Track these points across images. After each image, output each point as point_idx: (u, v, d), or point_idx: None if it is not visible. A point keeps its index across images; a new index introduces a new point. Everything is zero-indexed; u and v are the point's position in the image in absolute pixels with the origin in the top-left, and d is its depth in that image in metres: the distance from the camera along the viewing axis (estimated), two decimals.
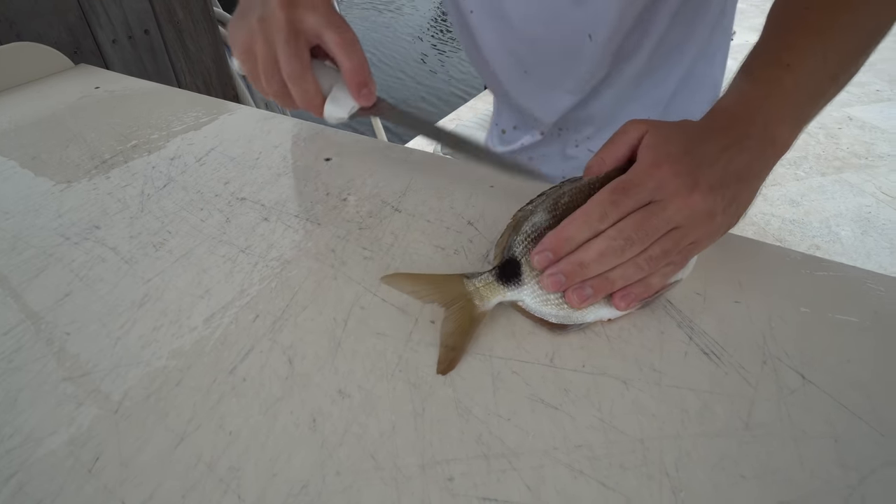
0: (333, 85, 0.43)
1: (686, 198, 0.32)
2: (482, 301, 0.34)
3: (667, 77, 0.62)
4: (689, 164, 0.32)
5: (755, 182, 0.35)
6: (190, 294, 0.39)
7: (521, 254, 0.35)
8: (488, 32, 0.62)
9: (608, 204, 0.32)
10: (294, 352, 0.34)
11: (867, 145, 2.44)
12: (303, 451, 0.29)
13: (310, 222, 0.46)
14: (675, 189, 0.32)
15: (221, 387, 0.32)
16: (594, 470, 0.27)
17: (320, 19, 0.40)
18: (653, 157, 0.32)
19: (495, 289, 0.35)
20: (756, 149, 0.34)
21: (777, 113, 0.35)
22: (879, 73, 3.16)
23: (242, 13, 0.42)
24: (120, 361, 0.34)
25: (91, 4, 0.95)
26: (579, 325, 0.34)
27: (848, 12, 0.36)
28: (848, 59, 0.37)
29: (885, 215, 1.99)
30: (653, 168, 0.32)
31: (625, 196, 0.32)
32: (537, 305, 0.35)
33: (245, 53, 0.42)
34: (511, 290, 0.35)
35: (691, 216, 0.32)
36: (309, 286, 0.39)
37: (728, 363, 0.33)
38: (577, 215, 0.32)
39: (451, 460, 0.28)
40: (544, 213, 0.35)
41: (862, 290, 0.38)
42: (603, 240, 0.32)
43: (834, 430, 0.29)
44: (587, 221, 0.32)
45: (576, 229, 0.32)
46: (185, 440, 0.29)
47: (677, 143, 0.33)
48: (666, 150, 0.32)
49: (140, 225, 0.46)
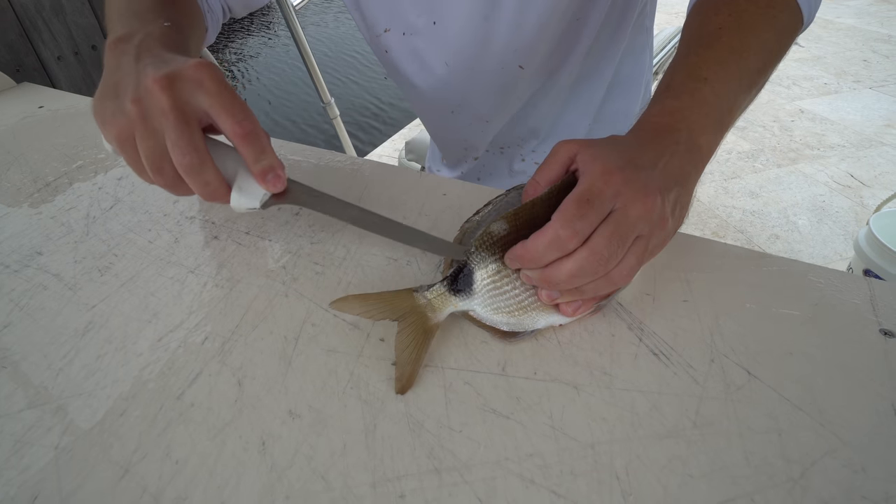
0: (238, 170, 0.37)
1: (644, 202, 0.31)
2: (434, 313, 0.34)
3: (599, 79, 0.64)
4: (634, 171, 0.32)
5: (690, 185, 0.36)
6: (136, 319, 0.38)
7: (473, 263, 0.35)
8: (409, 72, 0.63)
9: (577, 218, 0.30)
10: (244, 373, 0.33)
11: (819, 136, 2.53)
12: (252, 475, 0.28)
13: (261, 239, 0.45)
14: (631, 195, 0.31)
15: (168, 414, 0.31)
16: (545, 478, 0.27)
17: (211, 100, 0.34)
18: (601, 166, 0.32)
19: (447, 299, 0.35)
20: (685, 154, 0.35)
21: (699, 122, 0.36)
22: (827, 68, 3.29)
23: (109, 92, 0.36)
24: (62, 393, 0.33)
25: (32, 21, 0.92)
26: (531, 331, 0.35)
27: (756, 33, 0.40)
28: (758, 73, 0.40)
29: (837, 203, 2.07)
30: (606, 175, 0.32)
31: (590, 208, 0.31)
32: (489, 314, 0.35)
33: (123, 143, 0.35)
34: (463, 299, 0.35)
35: (650, 221, 0.32)
36: (259, 305, 0.38)
37: (677, 363, 0.33)
38: (546, 231, 0.31)
39: (402, 476, 0.27)
40: (500, 223, 0.34)
41: (803, 283, 0.39)
42: (576, 259, 0.31)
43: (777, 424, 0.30)
44: (557, 240, 0.31)
45: (544, 248, 0.31)
46: (130, 472, 0.28)
47: (614, 154, 0.33)
48: (609, 160, 0.32)
49: (85, 249, 0.45)
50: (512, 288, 0.34)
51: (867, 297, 0.38)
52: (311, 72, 1.52)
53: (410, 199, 0.49)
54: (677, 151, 0.35)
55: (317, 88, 1.58)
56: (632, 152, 0.34)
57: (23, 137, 0.64)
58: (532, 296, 0.34)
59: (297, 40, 1.45)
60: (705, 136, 0.36)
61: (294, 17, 1.40)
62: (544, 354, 0.34)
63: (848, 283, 0.39)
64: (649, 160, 0.33)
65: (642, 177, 0.32)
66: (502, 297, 0.34)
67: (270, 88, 3.93)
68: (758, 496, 0.27)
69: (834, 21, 4.07)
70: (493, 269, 0.34)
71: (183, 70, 0.34)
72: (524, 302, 0.34)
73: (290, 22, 1.40)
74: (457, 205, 0.48)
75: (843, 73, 3.21)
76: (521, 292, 0.34)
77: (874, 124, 2.63)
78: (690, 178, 0.35)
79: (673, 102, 0.37)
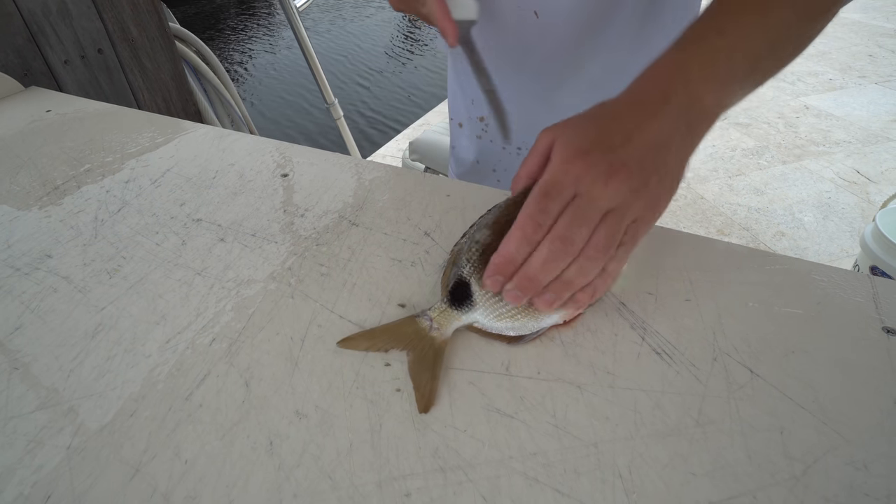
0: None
1: (606, 181, 0.31)
2: (440, 332, 0.35)
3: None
4: (599, 152, 0.32)
5: (679, 149, 0.34)
6: (145, 321, 0.38)
7: (468, 274, 0.36)
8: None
9: (537, 213, 0.32)
10: (251, 374, 0.34)
11: (824, 133, 2.52)
12: (260, 474, 0.28)
13: (266, 241, 0.45)
14: (592, 178, 0.32)
15: (177, 414, 0.32)
16: (549, 477, 0.28)
17: None
18: (562, 155, 0.33)
19: (451, 315, 0.35)
20: (675, 114, 0.34)
21: (700, 72, 0.34)
22: (832, 63, 3.27)
23: None
24: (73, 394, 0.34)
25: (39, 25, 0.92)
26: (536, 332, 0.35)
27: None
28: (786, 37, 0.37)
29: (843, 200, 2.06)
30: (565, 164, 0.32)
31: (549, 199, 0.32)
32: (492, 322, 0.35)
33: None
34: (465, 313, 0.35)
35: (618, 196, 0.32)
36: (266, 306, 0.39)
37: (679, 362, 0.33)
38: (512, 233, 0.33)
39: (407, 476, 0.28)
40: (483, 231, 0.36)
41: (806, 281, 0.39)
42: (542, 249, 0.32)
43: (779, 422, 0.30)
44: (524, 236, 0.32)
45: (515, 247, 0.32)
46: (140, 471, 0.29)
47: (585, 137, 0.33)
48: (575, 147, 0.33)
49: (93, 252, 0.45)
50: None
51: (870, 296, 0.38)
52: (315, 73, 1.53)
53: (414, 200, 0.49)
54: (663, 114, 0.33)
55: (320, 89, 1.59)
56: (605, 128, 0.33)
57: (31, 141, 0.64)
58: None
59: (300, 41, 1.45)
60: (703, 88, 0.34)
61: (297, 18, 1.41)
62: (547, 354, 0.34)
63: (851, 282, 0.39)
64: (623, 133, 0.33)
65: (608, 157, 0.32)
66: (503, 304, 0.35)
67: (275, 89, 3.94)
68: (760, 494, 0.27)
69: (839, 16, 4.02)
70: None
71: None
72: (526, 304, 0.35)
73: (294, 23, 1.41)
74: (460, 206, 0.48)
75: (848, 68, 3.19)
76: None
77: (880, 120, 2.61)
78: (674, 140, 0.34)
79: (678, 55, 0.36)
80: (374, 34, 5.09)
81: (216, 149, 0.61)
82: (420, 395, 0.32)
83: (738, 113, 2.72)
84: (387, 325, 0.36)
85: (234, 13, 5.75)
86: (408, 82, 4.02)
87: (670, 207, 2.11)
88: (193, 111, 1.23)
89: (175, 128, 0.66)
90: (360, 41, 4.77)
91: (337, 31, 5.11)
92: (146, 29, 1.08)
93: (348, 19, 5.59)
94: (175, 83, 1.17)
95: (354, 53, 4.51)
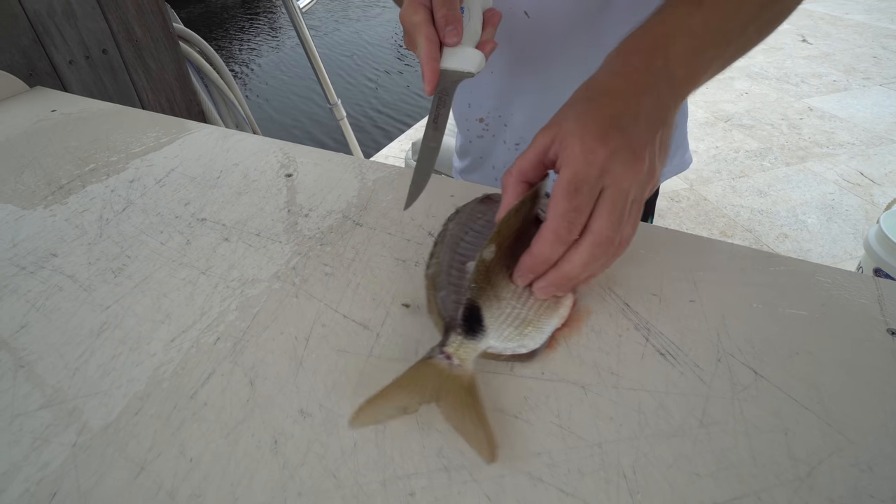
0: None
1: (634, 170, 0.31)
2: (462, 368, 0.31)
3: None
4: (618, 134, 0.31)
5: (671, 120, 0.35)
6: (149, 320, 0.39)
7: (476, 296, 0.34)
8: None
9: (571, 212, 0.31)
10: (255, 373, 0.34)
11: (827, 134, 2.51)
12: (264, 473, 0.28)
13: (271, 241, 0.45)
14: (620, 169, 0.31)
15: (182, 413, 0.32)
16: (553, 477, 0.28)
17: None
18: (581, 144, 0.31)
19: (469, 347, 0.32)
20: (663, 86, 0.34)
21: (680, 50, 0.35)
22: (835, 64, 3.26)
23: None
24: (78, 392, 0.34)
25: (44, 26, 0.93)
26: (544, 343, 0.34)
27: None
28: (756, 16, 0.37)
29: (847, 202, 2.05)
30: (588, 154, 0.31)
31: (579, 196, 0.31)
32: (503, 343, 0.33)
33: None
34: (481, 339, 0.33)
35: (641, 183, 0.32)
36: (270, 305, 0.39)
37: (683, 362, 0.33)
38: (544, 235, 0.31)
39: (412, 475, 0.28)
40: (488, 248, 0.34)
41: (811, 282, 0.39)
42: (583, 253, 0.31)
43: (784, 423, 0.30)
44: (558, 238, 0.31)
45: (550, 249, 0.32)
46: (146, 469, 0.29)
47: (597, 122, 0.32)
48: (590, 133, 0.31)
49: (98, 251, 0.46)
50: (511, 308, 0.34)
51: (875, 297, 0.38)
52: (318, 73, 1.53)
53: (419, 201, 0.49)
54: (655, 85, 0.34)
55: (323, 90, 1.59)
56: (610, 107, 0.33)
57: (36, 141, 0.65)
58: (532, 308, 0.35)
59: (303, 42, 1.46)
60: (683, 66, 0.35)
61: (300, 18, 1.41)
62: (552, 355, 0.34)
63: (856, 283, 0.39)
64: (631, 109, 0.32)
65: (627, 140, 0.31)
66: (510, 322, 0.34)
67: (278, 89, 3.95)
68: (764, 495, 0.27)
69: (843, 17, 4.03)
70: (497, 295, 0.34)
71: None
72: (528, 316, 0.34)
73: (297, 23, 1.41)
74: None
75: (852, 69, 3.19)
76: (519, 307, 0.34)
77: (884, 121, 2.60)
78: (670, 113, 0.34)
79: (655, 27, 0.36)
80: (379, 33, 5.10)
81: (220, 149, 0.61)
82: (478, 444, 0.28)
83: (741, 114, 2.72)
84: (399, 380, 0.31)
85: (238, 14, 5.76)
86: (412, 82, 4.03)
87: (673, 209, 2.11)
88: (197, 111, 1.23)
89: (179, 128, 0.66)
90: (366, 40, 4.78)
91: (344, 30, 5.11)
92: (150, 29, 1.08)
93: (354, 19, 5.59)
94: (179, 83, 1.17)
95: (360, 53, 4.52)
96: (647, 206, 0.79)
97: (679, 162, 0.72)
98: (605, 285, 0.39)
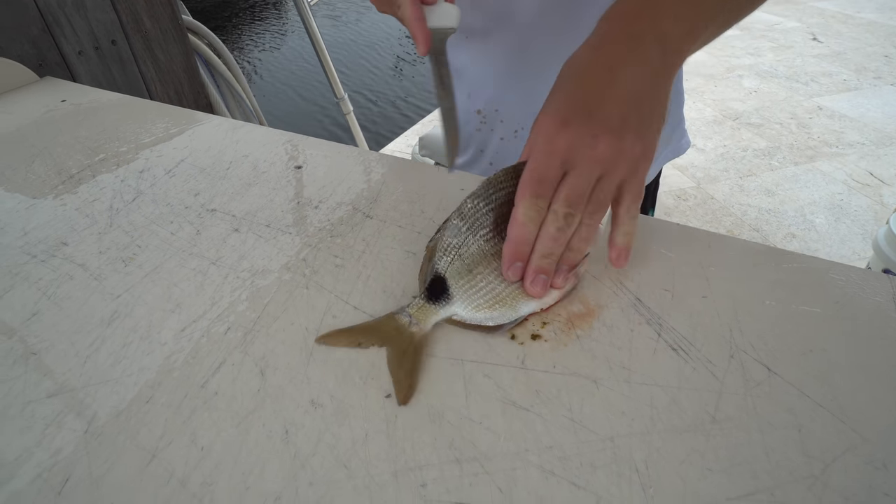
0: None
1: (593, 153, 0.32)
2: (419, 327, 0.35)
3: None
4: (581, 120, 0.33)
5: (656, 93, 0.34)
6: (160, 309, 0.39)
7: (443, 269, 0.36)
8: None
9: (535, 199, 0.33)
10: (266, 363, 0.34)
11: (837, 134, 2.49)
12: (275, 463, 0.28)
13: (281, 232, 0.45)
14: (580, 152, 0.33)
15: (193, 402, 0.32)
16: (565, 470, 0.27)
17: None
18: (545, 133, 0.33)
19: (429, 310, 0.36)
20: (644, 52, 0.33)
21: (666, 8, 0.34)
22: (846, 63, 3.23)
23: None
24: (89, 380, 0.34)
25: (54, 16, 0.93)
26: (514, 320, 0.35)
27: None
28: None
29: (856, 202, 2.04)
30: (549, 143, 0.33)
31: (543, 186, 0.33)
32: (471, 314, 0.36)
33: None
34: (443, 307, 0.36)
35: (605, 162, 0.33)
36: (280, 296, 0.39)
37: (696, 358, 0.33)
38: (514, 221, 0.34)
39: (423, 466, 0.28)
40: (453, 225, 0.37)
41: (824, 280, 0.39)
42: (549, 224, 0.33)
43: (797, 420, 0.30)
44: (528, 220, 0.33)
45: (524, 232, 0.34)
46: (157, 457, 0.29)
47: (561, 107, 0.33)
48: (554, 119, 0.33)
49: (109, 240, 0.46)
50: (487, 283, 0.36)
51: (890, 296, 0.37)
52: (325, 67, 1.53)
53: (429, 193, 0.49)
54: (637, 52, 0.33)
55: (330, 84, 1.59)
56: (578, 92, 0.34)
57: (46, 131, 0.65)
58: (509, 286, 0.36)
59: (311, 35, 1.45)
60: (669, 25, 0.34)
61: (308, 11, 1.41)
62: (563, 349, 0.34)
63: (870, 281, 0.38)
64: (596, 93, 0.33)
65: (590, 124, 0.33)
66: (479, 294, 0.36)
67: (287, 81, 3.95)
68: (778, 491, 0.27)
69: (854, 16, 3.99)
70: (463, 267, 0.36)
71: None
72: (502, 293, 0.36)
73: (305, 17, 1.41)
74: None
75: (863, 69, 3.16)
76: (497, 285, 0.36)
77: (895, 121, 2.58)
78: (660, 79, 0.34)
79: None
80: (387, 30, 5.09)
81: (230, 140, 0.61)
82: (399, 388, 0.32)
83: (750, 113, 2.70)
84: (366, 323, 0.36)
85: (247, 6, 5.76)
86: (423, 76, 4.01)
87: (680, 207, 2.10)
88: (205, 104, 1.23)
89: (189, 119, 0.66)
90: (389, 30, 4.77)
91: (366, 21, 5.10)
92: (159, 21, 1.08)
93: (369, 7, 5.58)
94: (187, 75, 1.17)
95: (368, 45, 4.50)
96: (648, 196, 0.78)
97: (676, 147, 0.71)
98: (617, 280, 0.39)
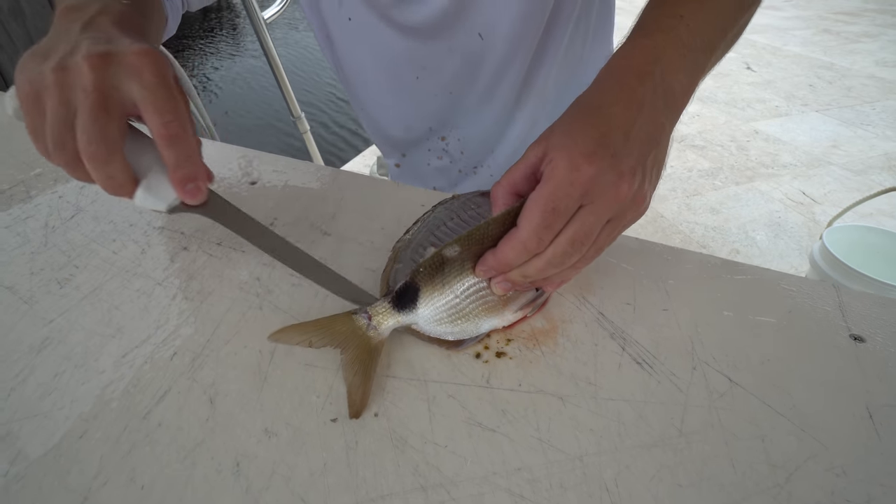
0: (153, 166, 0.34)
1: (615, 193, 0.30)
2: (377, 332, 0.34)
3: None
4: (606, 153, 0.31)
5: (665, 138, 0.34)
6: (99, 334, 0.36)
7: (420, 280, 0.34)
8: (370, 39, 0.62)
9: (543, 229, 0.30)
10: (216, 390, 0.32)
11: (772, 156, 2.65)
12: (225, 499, 0.26)
13: (234, 250, 0.43)
14: (602, 189, 0.30)
15: (133, 435, 0.29)
16: (534, 492, 0.26)
17: (143, 93, 0.31)
18: (567, 161, 0.30)
19: (391, 316, 0.34)
20: (659, 101, 0.33)
21: (673, 62, 0.34)
22: (777, 91, 3.45)
23: (39, 54, 0.32)
24: (13, 415, 0.31)
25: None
26: (475, 337, 0.35)
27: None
28: (734, 17, 0.39)
29: (792, 219, 2.16)
30: (573, 172, 0.30)
31: (555, 214, 0.30)
32: (432, 326, 0.34)
33: (30, 104, 0.31)
34: (406, 315, 0.34)
35: (623, 205, 0.31)
36: (232, 318, 0.37)
37: (660, 371, 0.33)
38: (514, 243, 0.31)
39: (386, 496, 0.26)
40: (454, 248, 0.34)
41: (776, 290, 0.40)
42: (542, 261, 0.31)
43: (760, 430, 0.30)
44: (525, 249, 0.31)
45: (515, 255, 0.31)
46: (90, 499, 0.26)
47: (585, 139, 0.31)
48: (578, 150, 0.31)
49: (43, 260, 0.42)
50: (454, 298, 0.34)
51: (836, 304, 0.39)
52: (282, 86, 1.51)
53: (387, 210, 0.48)
54: (650, 101, 0.33)
55: (287, 103, 1.56)
56: (601, 124, 0.32)
57: None
58: (474, 302, 0.34)
59: (267, 54, 1.43)
60: (678, 76, 0.34)
61: (265, 29, 1.38)
62: (528, 366, 0.33)
63: (818, 291, 0.40)
64: (621, 127, 0.32)
65: (614, 162, 0.31)
66: (445, 309, 0.34)
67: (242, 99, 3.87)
68: (745, 503, 0.26)
69: (782, 48, 4.29)
70: (439, 280, 0.34)
71: (123, 53, 0.31)
72: (466, 309, 0.34)
73: (261, 34, 1.39)
74: None
75: (791, 96, 3.38)
76: (463, 300, 0.34)
77: (822, 145, 2.76)
78: (665, 130, 0.34)
79: (645, 41, 0.35)
80: None
81: None
82: (352, 400, 0.30)
83: (693, 136, 2.83)
84: (320, 320, 0.34)
85: (200, 21, 5.65)
86: None
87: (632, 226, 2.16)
88: None
89: None
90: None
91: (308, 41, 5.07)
92: None
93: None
94: None
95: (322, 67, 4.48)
96: None
97: None
98: (579, 294, 0.39)
